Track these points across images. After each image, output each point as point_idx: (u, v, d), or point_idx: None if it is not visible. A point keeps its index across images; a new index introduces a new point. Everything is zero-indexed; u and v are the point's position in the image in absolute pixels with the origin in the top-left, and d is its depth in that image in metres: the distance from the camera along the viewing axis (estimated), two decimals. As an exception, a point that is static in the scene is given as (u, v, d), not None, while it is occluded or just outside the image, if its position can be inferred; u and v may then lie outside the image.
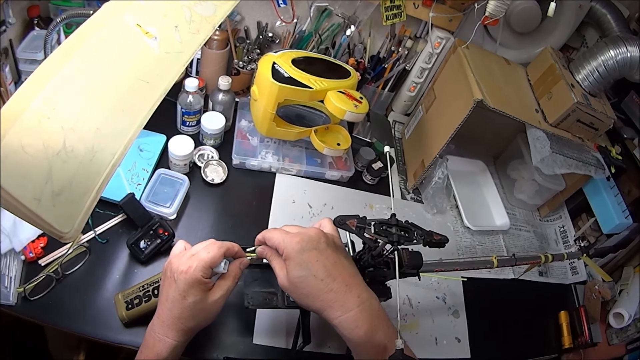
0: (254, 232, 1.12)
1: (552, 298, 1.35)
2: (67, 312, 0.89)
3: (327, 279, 0.71)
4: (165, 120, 1.25)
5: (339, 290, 0.71)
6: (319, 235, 0.75)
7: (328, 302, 0.71)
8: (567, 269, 1.42)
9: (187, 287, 0.72)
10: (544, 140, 1.20)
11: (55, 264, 0.92)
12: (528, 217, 1.52)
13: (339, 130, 1.32)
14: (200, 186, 1.18)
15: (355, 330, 0.70)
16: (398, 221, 0.77)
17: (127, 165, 1.10)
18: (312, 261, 0.71)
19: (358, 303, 0.71)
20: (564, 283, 1.39)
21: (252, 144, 1.29)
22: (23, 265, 0.92)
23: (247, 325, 0.98)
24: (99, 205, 1.02)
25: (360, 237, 0.76)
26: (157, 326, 0.74)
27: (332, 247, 0.75)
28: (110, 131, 0.62)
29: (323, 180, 1.32)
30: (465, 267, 0.99)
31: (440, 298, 1.19)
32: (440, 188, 1.32)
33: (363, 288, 0.73)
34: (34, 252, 0.92)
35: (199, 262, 0.72)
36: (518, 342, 1.22)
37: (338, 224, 0.76)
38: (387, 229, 0.75)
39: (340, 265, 0.73)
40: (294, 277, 0.71)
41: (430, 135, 1.34)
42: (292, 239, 0.72)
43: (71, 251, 0.95)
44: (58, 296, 0.90)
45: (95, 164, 0.60)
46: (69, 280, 0.93)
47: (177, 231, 1.07)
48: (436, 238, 0.81)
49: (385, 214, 1.31)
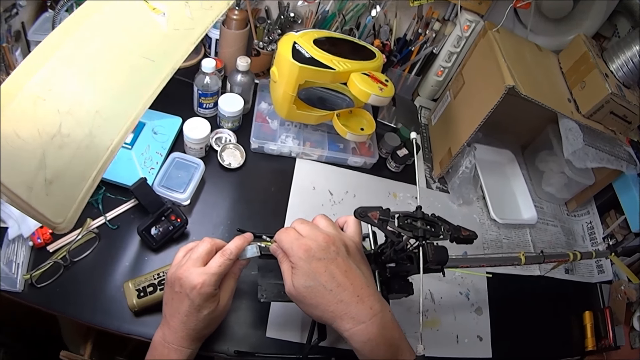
0: (271, 220, 1.11)
1: (577, 297, 1.29)
2: (74, 300, 0.86)
3: (336, 290, 0.66)
4: (181, 103, 1.21)
5: (350, 302, 0.66)
6: (328, 242, 0.69)
7: (338, 313, 0.66)
8: (593, 267, 1.36)
9: (202, 302, 0.70)
10: (577, 131, 1.13)
11: (63, 250, 0.89)
12: (556, 212, 1.45)
13: (363, 114, 1.26)
14: (216, 171, 1.14)
15: (367, 343, 0.65)
16: (424, 214, 0.71)
17: (141, 149, 1.05)
18: (319, 271, 0.66)
19: (370, 315, 0.66)
20: (590, 282, 1.32)
21: (272, 127, 1.24)
22: (31, 252, 0.90)
23: (260, 317, 0.94)
24: (111, 190, 1.00)
25: (383, 230, 0.70)
26: (170, 337, 0.72)
27: (343, 255, 0.69)
28: (111, 114, 0.58)
29: (345, 167, 1.27)
30: (491, 263, 0.94)
31: (463, 294, 1.14)
32: (467, 178, 1.26)
33: (376, 299, 0.68)
34: (42, 238, 0.89)
35: (212, 277, 0.70)
36: (540, 342, 1.16)
37: (359, 215, 0.70)
38: (412, 222, 0.70)
39: (351, 274, 0.68)
40: (300, 286, 0.67)
41: (458, 122, 1.28)
42: (299, 246, 0.67)
43: (80, 237, 0.92)
44: (66, 283, 0.87)
45: (92, 149, 0.56)
46: (77, 267, 0.90)
47: (191, 217, 1.03)
48: (464, 234, 0.75)
49: (409, 204, 1.26)
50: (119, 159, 1.01)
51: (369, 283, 0.69)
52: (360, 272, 0.70)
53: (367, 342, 0.65)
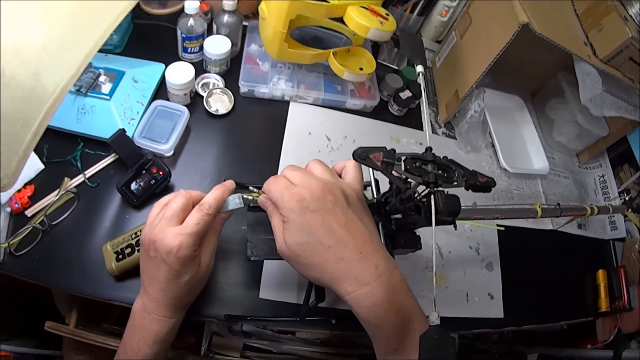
0: (264, 167, 1.02)
1: (590, 254, 1.22)
2: (55, 267, 0.79)
3: (335, 246, 0.57)
4: (165, 50, 1.11)
5: (352, 260, 0.57)
6: (324, 190, 0.59)
7: (337, 274, 0.57)
8: (606, 223, 1.29)
9: (181, 267, 0.63)
10: (595, 76, 1.04)
11: (41, 214, 0.82)
12: (567, 163, 1.37)
13: (362, 53, 1.15)
14: (202, 118, 1.04)
15: (372, 309, 0.57)
16: (435, 157, 0.62)
17: (120, 99, 0.95)
18: (315, 225, 0.56)
19: (376, 275, 0.57)
20: (603, 238, 1.25)
21: (263, 69, 1.13)
22: (9, 218, 0.82)
23: (252, 277, 0.87)
24: (89, 145, 0.92)
25: (387, 175, 0.60)
26: (150, 306, 0.66)
27: (342, 205, 0.60)
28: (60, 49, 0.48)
29: (343, 110, 1.18)
30: (506, 215, 0.85)
31: (473, 248, 1.07)
32: (475, 123, 1.17)
33: (382, 256, 0.59)
34: (20, 203, 0.82)
35: (189, 237, 0.62)
36: (553, 302, 1.10)
37: (359, 158, 0.60)
38: (421, 166, 0.61)
39: (352, 227, 0.59)
40: (294, 243, 0.57)
41: (465, 64, 1.18)
42: (291, 196, 0.58)
43: (57, 198, 0.84)
44: (45, 250, 0.81)
45: (38, 91, 0.47)
46: (56, 231, 0.83)
47: (175, 169, 0.94)
48: (481, 180, 0.65)
49: (413, 149, 1.17)
50: (96, 111, 0.93)
51: (373, 237, 0.60)
52: (362, 224, 0.60)
53: (372, 307, 0.56)
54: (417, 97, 1.16)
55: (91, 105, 0.93)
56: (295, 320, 0.83)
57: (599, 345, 1.18)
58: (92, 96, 0.93)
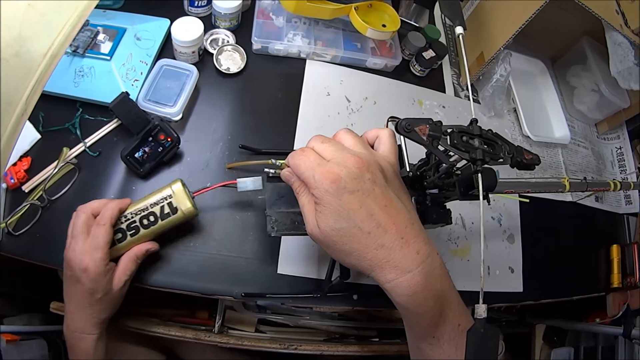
0: (279, 131, 0.95)
1: (605, 228, 1.20)
2: (55, 247, 0.73)
3: (375, 231, 0.51)
4: (168, 3, 1.01)
5: (393, 246, 0.51)
6: (362, 167, 0.52)
7: (378, 261, 0.52)
8: (621, 196, 1.26)
9: (93, 284, 0.65)
10: (627, 48, 1.00)
11: (39, 189, 0.76)
12: (586, 132, 1.32)
13: (384, 8, 1.06)
14: (212, 77, 0.97)
15: (412, 297, 0.52)
16: (482, 130, 0.56)
17: (122, 59, 0.88)
18: (354, 208, 0.51)
19: (418, 262, 0.52)
20: (617, 212, 1.23)
21: (277, 24, 1.05)
22: (6, 195, 0.77)
23: (270, 251, 0.82)
24: (89, 110, 0.85)
25: (433, 150, 0.55)
26: (72, 326, 0.69)
27: (381, 184, 0.54)
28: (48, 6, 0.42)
29: (363, 69, 1.10)
30: (536, 189, 0.81)
31: (495, 219, 1.03)
32: (501, 87, 1.11)
33: (423, 239, 0.53)
34: (16, 178, 0.76)
35: (95, 252, 0.64)
36: (568, 276, 1.08)
37: (403, 130, 0.53)
38: (468, 140, 0.55)
39: (393, 209, 0.53)
40: (329, 228, 0.52)
41: (491, 25, 1.11)
42: (324, 174, 0.51)
43: (57, 170, 0.77)
44: (45, 228, 0.76)
45: (23, 59, 0.40)
46: (56, 206, 0.78)
47: (184, 135, 0.88)
48: (527, 157, 0.60)
49: (436, 113, 1.11)
50: (96, 73, 0.85)
51: (413, 219, 0.55)
52: (402, 204, 0.55)
53: (412, 295, 0.52)
54: (440, 56, 1.10)
55: (90, 66, 0.85)
56: (317, 296, 0.79)
57: (607, 320, 1.18)
58: (91, 57, 0.85)
